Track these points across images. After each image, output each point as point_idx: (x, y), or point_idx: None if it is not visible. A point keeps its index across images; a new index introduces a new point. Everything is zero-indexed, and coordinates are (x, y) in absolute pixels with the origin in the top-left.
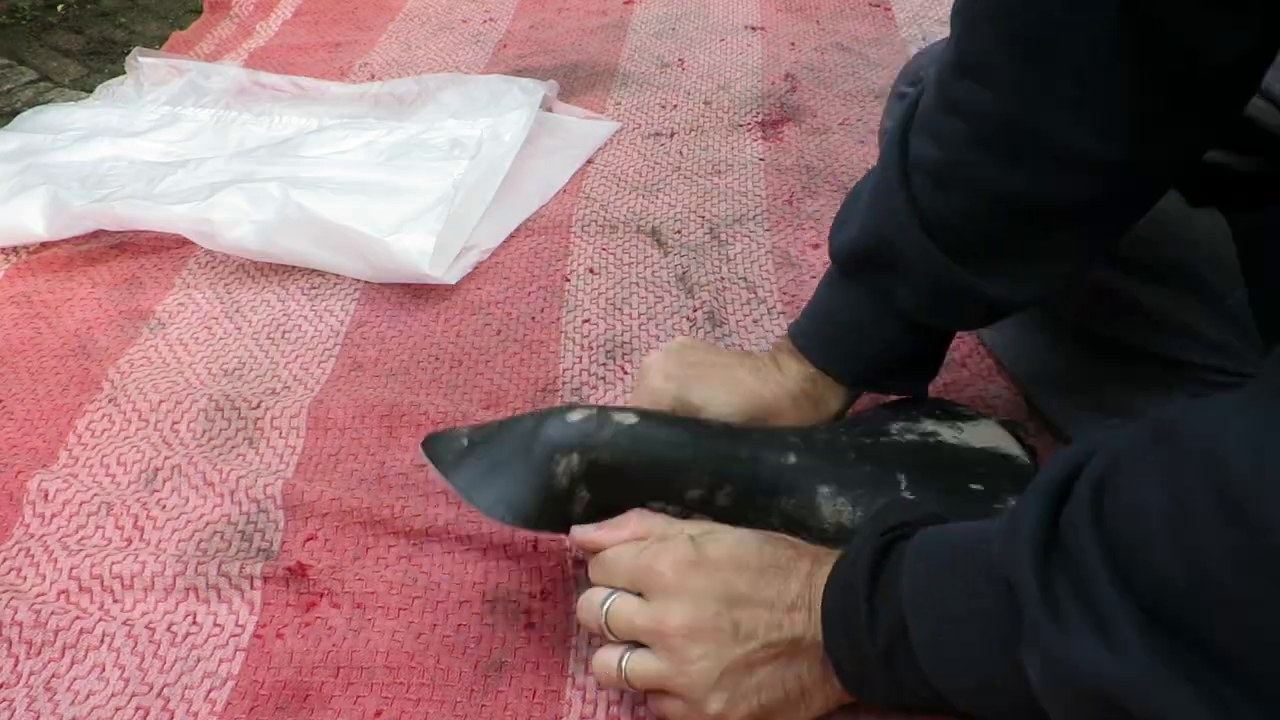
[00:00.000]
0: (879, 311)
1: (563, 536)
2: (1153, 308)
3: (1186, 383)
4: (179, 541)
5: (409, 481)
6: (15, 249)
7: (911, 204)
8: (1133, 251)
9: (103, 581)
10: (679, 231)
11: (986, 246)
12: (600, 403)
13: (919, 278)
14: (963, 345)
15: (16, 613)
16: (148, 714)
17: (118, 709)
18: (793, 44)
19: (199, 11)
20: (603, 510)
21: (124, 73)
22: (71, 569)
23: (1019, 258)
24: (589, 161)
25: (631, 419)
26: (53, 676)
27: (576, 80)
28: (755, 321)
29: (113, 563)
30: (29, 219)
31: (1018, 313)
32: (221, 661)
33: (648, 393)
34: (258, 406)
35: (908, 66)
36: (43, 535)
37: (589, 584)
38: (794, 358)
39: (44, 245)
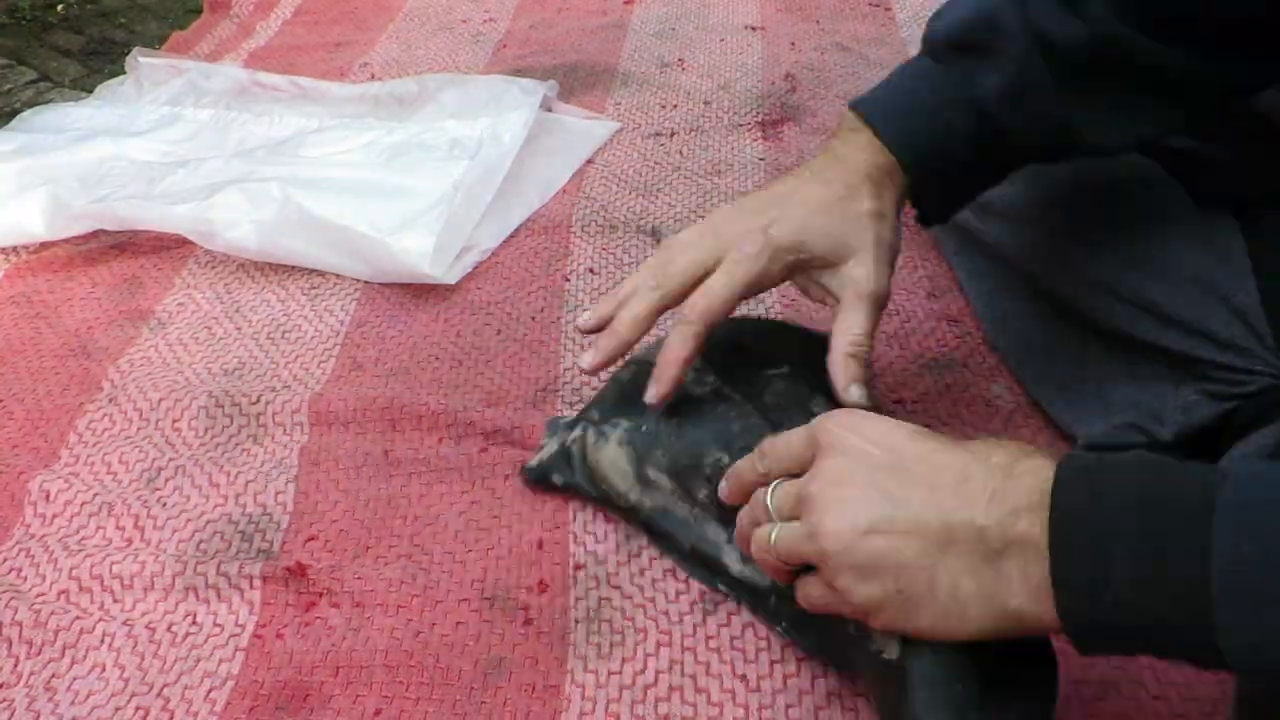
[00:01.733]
0: (958, 92)
1: (568, 540)
2: (1162, 303)
3: (1194, 380)
4: (179, 541)
5: (411, 476)
6: (15, 249)
7: (1024, 6)
8: (1143, 248)
9: (103, 581)
10: (679, 232)
11: (1081, 76)
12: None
13: (1009, 65)
14: (964, 346)
15: (16, 613)
16: (148, 714)
17: (118, 709)
18: (793, 44)
19: (199, 11)
20: None
21: (124, 73)
22: (71, 569)
23: (1109, 100)
24: (589, 161)
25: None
26: (53, 676)
27: (576, 80)
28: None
29: (113, 563)
30: (29, 219)
31: (1076, 156)
32: (221, 661)
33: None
34: (258, 401)
35: None
36: (43, 535)
37: (587, 581)
38: (852, 137)
39: (44, 245)
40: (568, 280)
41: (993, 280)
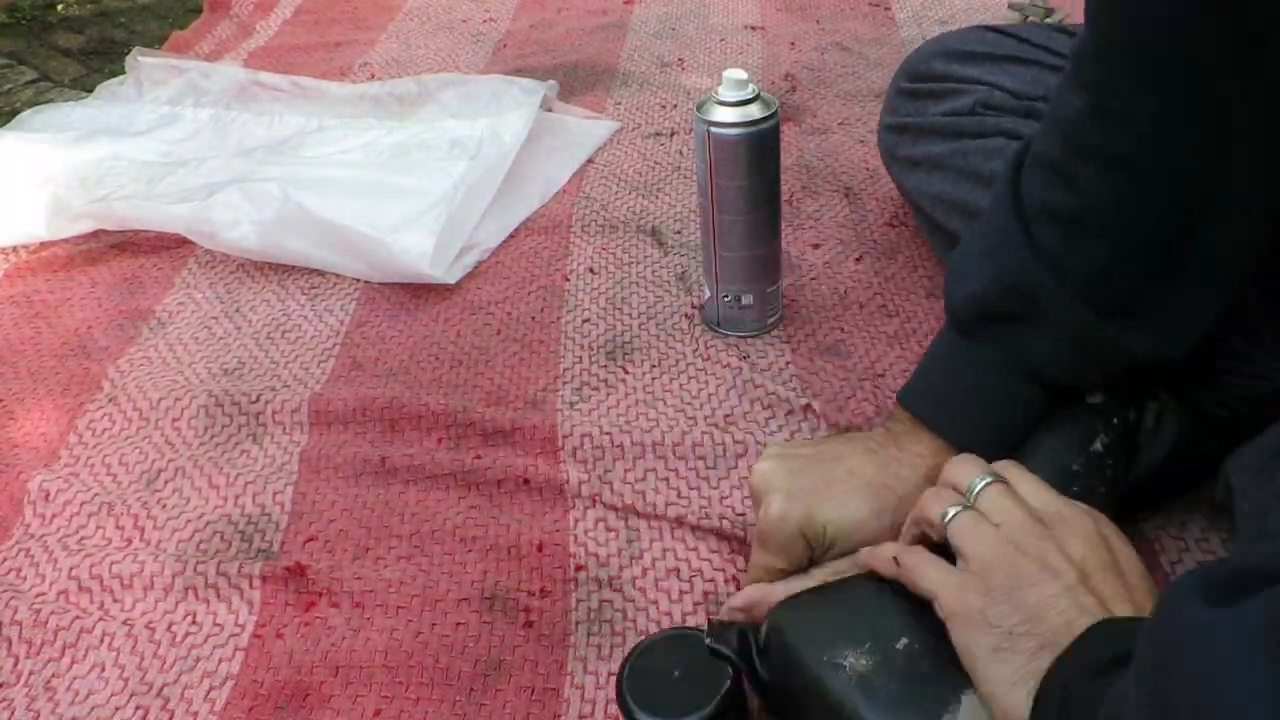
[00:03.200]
0: (1010, 371)
1: (568, 542)
2: None
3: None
4: (179, 541)
5: (410, 478)
6: (15, 249)
7: (1040, 255)
8: None
9: (102, 581)
10: (679, 231)
11: (1130, 298)
12: (601, 404)
13: (1058, 331)
14: None
15: (16, 612)
16: (147, 713)
17: (117, 708)
18: (793, 44)
19: (199, 11)
20: None
21: (124, 72)
22: (71, 569)
23: (1163, 307)
24: (589, 161)
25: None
26: (53, 676)
27: (576, 80)
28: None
29: (112, 562)
30: (29, 219)
31: (1150, 366)
32: (221, 661)
33: (774, 531)
34: (257, 400)
35: (907, 62)
36: (43, 535)
37: (589, 584)
38: (913, 433)
39: (44, 245)
40: (568, 280)
41: None
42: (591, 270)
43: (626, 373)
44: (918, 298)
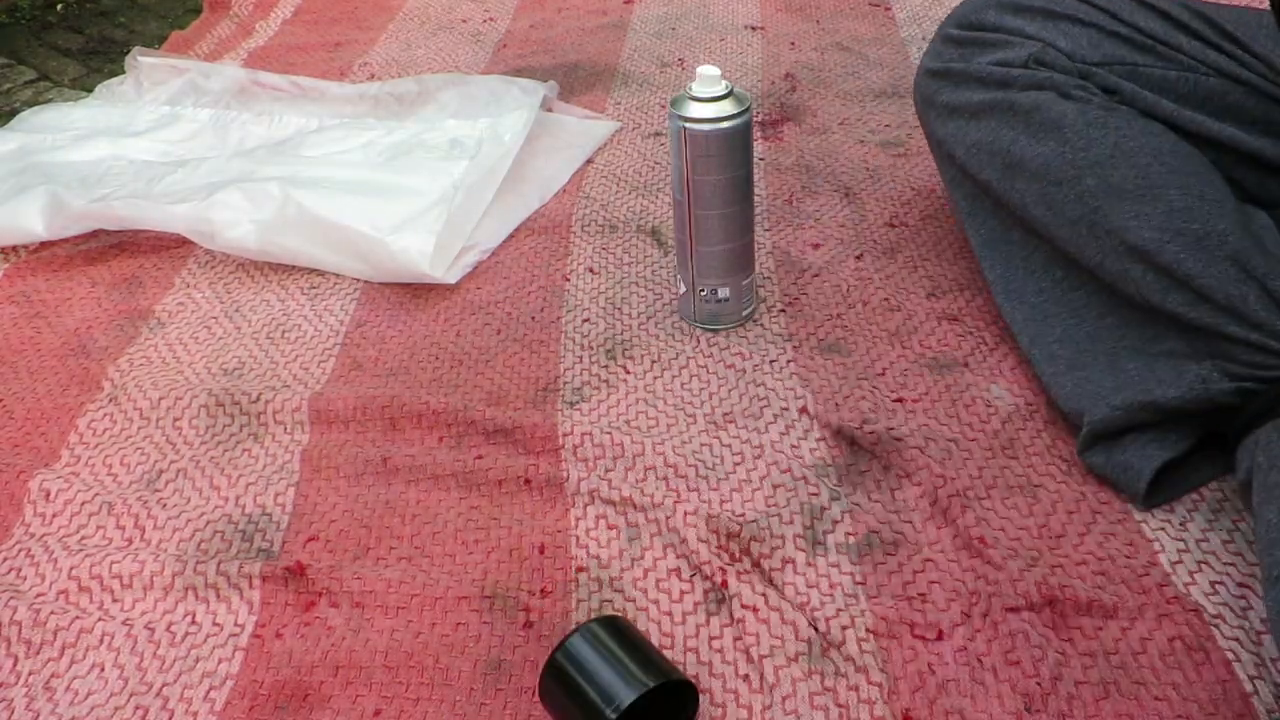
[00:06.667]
0: None
1: (569, 542)
2: (1198, 275)
3: (1214, 357)
4: (179, 541)
5: (411, 478)
6: (15, 249)
7: None
8: (1184, 221)
9: (102, 581)
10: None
11: None
12: (601, 403)
13: None
14: (964, 346)
15: (15, 612)
16: (147, 713)
17: (117, 708)
18: (793, 44)
19: (199, 11)
20: None
21: (124, 72)
22: (71, 569)
23: None
24: (589, 161)
25: None
26: (52, 676)
27: (576, 80)
28: (755, 320)
29: (112, 562)
30: (29, 219)
31: None
32: (220, 661)
33: None
34: (258, 400)
35: (957, 11)
36: (43, 535)
37: (589, 584)
38: None
39: (44, 245)
40: (568, 280)
41: (1009, 245)
42: (591, 270)
43: (627, 372)
44: (918, 297)
